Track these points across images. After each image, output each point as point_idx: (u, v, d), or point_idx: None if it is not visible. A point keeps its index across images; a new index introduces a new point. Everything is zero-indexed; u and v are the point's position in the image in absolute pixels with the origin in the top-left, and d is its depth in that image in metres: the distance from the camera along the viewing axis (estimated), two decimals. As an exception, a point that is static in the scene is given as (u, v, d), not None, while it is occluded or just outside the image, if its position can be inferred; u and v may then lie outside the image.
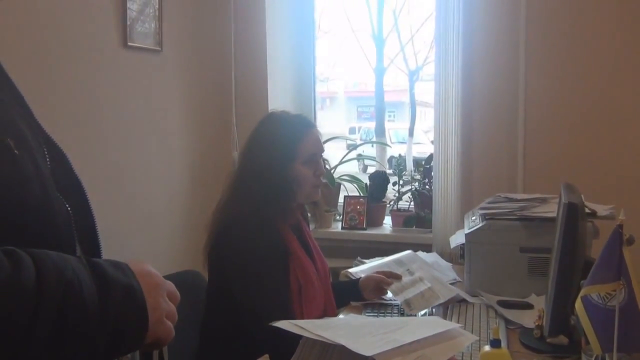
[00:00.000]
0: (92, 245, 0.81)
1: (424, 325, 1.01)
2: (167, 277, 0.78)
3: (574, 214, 1.30)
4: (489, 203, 1.97)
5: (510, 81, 2.57)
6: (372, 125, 4.97)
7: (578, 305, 1.12)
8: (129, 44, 2.36)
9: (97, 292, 0.64)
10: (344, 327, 1.05)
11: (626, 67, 2.45)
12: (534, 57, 2.54)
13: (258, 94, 2.88)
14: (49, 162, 0.76)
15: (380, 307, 1.80)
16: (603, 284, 1.07)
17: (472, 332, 1.50)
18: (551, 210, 1.78)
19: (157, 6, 2.51)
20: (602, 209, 1.78)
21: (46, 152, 0.77)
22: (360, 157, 3.94)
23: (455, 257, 2.33)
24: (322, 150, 1.74)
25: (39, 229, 0.69)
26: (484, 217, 1.87)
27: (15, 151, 0.69)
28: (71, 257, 0.67)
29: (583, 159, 2.48)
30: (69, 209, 0.75)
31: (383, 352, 0.89)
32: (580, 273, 1.36)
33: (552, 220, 1.65)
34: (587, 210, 1.67)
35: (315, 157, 1.68)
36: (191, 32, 2.76)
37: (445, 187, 2.62)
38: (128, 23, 2.35)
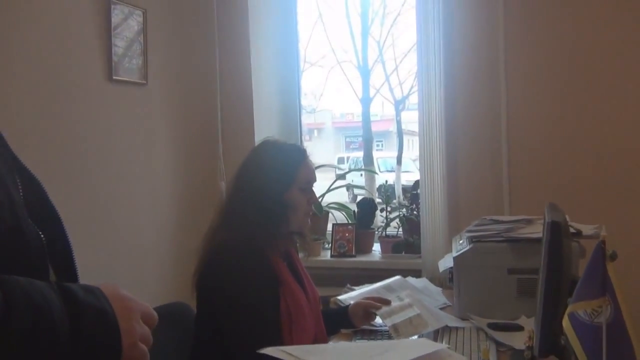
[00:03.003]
0: (69, 274, 0.80)
1: (412, 347, 1.00)
2: (154, 310, 0.77)
3: (558, 232, 1.31)
4: (476, 226, 1.98)
5: (493, 106, 2.61)
6: (360, 154, 5.01)
7: (565, 323, 1.12)
8: (115, 77, 2.38)
9: (68, 317, 0.63)
10: (331, 352, 1.04)
11: (607, 87, 2.50)
12: (515, 82, 2.59)
13: (244, 126, 2.90)
14: (21, 190, 0.76)
15: (370, 334, 1.78)
16: (589, 301, 1.07)
17: (462, 354, 1.50)
18: (537, 231, 1.80)
19: (142, 40, 2.54)
20: (587, 229, 1.80)
21: (18, 181, 0.77)
22: (349, 186, 3.96)
23: (445, 281, 2.32)
24: (315, 180, 1.74)
25: (9, 255, 0.69)
26: (470, 239, 1.88)
27: None
28: (41, 282, 0.66)
29: (567, 181, 2.51)
30: (42, 236, 0.75)
31: (371, 375, 0.89)
32: (568, 292, 1.36)
33: (538, 240, 1.66)
34: (572, 230, 1.68)
35: (310, 185, 1.69)
36: (176, 65, 2.79)
37: (433, 212, 2.63)
38: (114, 57, 2.37)
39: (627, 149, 2.48)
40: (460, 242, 1.97)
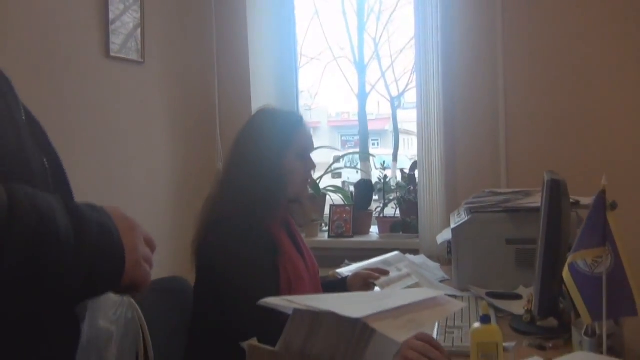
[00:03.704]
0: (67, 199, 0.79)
1: (412, 294, 1.00)
2: (152, 283, 0.77)
3: (557, 190, 1.31)
4: (474, 198, 1.98)
5: (490, 82, 2.62)
6: (356, 150, 5.00)
7: (566, 274, 1.11)
8: (111, 54, 2.37)
9: (72, 226, 0.62)
10: (332, 298, 1.03)
11: (602, 63, 2.51)
12: (512, 58, 2.60)
13: (242, 108, 2.89)
14: (24, 116, 0.75)
15: (369, 304, 1.77)
16: (589, 249, 1.07)
17: (462, 322, 1.50)
18: (536, 201, 1.79)
19: (139, 18, 2.53)
20: (585, 200, 1.80)
21: (22, 106, 0.76)
22: (345, 183, 3.93)
23: (443, 258, 2.32)
24: (313, 147, 1.73)
25: (13, 176, 0.67)
26: (469, 211, 1.88)
27: None
28: (46, 193, 0.65)
29: (565, 155, 2.51)
30: (45, 161, 0.74)
31: (372, 315, 0.88)
32: (567, 253, 1.36)
33: (537, 210, 1.66)
34: (570, 199, 1.68)
35: (308, 152, 1.68)
36: (174, 46, 2.78)
37: (430, 191, 2.63)
38: (110, 34, 2.36)
39: (624, 122, 2.48)
40: (459, 215, 1.97)
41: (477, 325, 1.17)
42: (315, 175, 2.96)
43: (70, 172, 0.90)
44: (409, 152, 4.96)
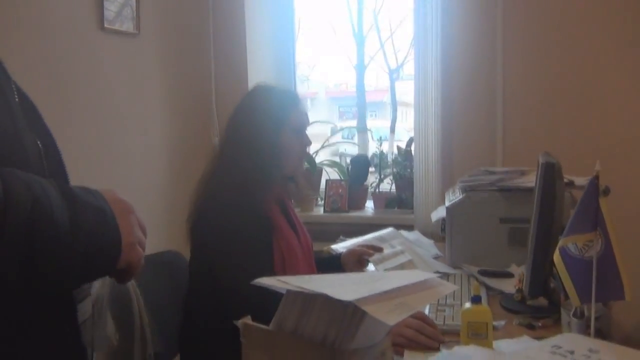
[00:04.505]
0: (62, 181, 0.79)
1: (404, 276, 1.01)
2: (147, 258, 0.77)
3: (551, 172, 1.31)
4: (469, 176, 1.98)
5: (488, 59, 2.60)
6: (353, 123, 4.99)
7: (556, 257, 1.13)
8: (106, 26, 2.33)
9: (67, 210, 0.63)
10: (325, 280, 1.05)
11: (600, 43, 2.49)
12: (511, 36, 2.57)
13: (238, 81, 2.87)
14: (16, 96, 0.74)
15: (363, 281, 1.80)
16: (580, 234, 1.08)
17: (454, 299, 1.52)
18: (530, 180, 1.80)
19: (134, -9, 2.48)
20: (580, 180, 1.81)
21: (14, 88, 0.75)
22: (342, 155, 3.92)
23: (437, 235, 2.34)
24: (309, 123, 1.73)
25: (9, 161, 0.67)
26: (463, 189, 1.88)
27: None
28: (40, 177, 0.65)
29: (560, 137, 2.51)
30: (39, 145, 0.74)
31: (363, 298, 0.89)
32: (558, 235, 1.38)
33: (531, 190, 1.67)
34: (564, 180, 1.69)
35: (304, 127, 1.68)
36: (169, 17, 2.73)
37: (426, 168, 2.63)
38: (105, 5, 2.32)
39: (620, 101, 2.48)
40: (453, 193, 1.98)
41: (468, 305, 1.19)
42: (312, 149, 2.96)
43: (65, 148, 0.90)
44: (406, 124, 4.95)
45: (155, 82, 2.67)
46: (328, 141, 3.23)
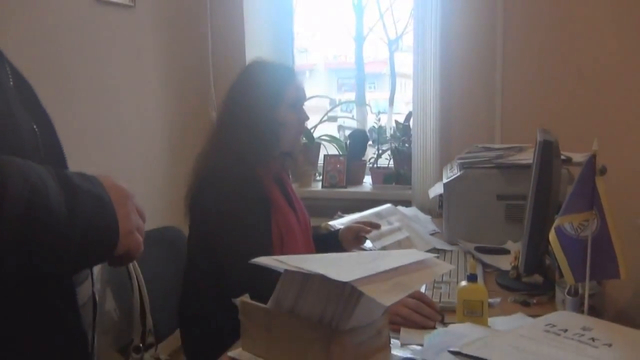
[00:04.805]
0: (59, 166, 0.79)
1: (400, 256, 1.02)
2: (146, 233, 0.77)
3: (549, 151, 1.31)
4: (467, 153, 1.98)
5: (488, 36, 2.57)
6: (352, 95, 4.95)
7: (552, 236, 1.13)
8: (100, -2, 2.30)
9: (64, 198, 0.62)
10: (322, 260, 1.05)
11: (601, 19, 2.46)
12: (511, 16, 2.54)
13: (236, 56, 2.84)
14: (11, 80, 0.73)
15: (360, 257, 1.81)
16: (576, 214, 1.09)
17: (450, 277, 1.53)
18: (528, 157, 1.80)
19: (128, -39, 2.44)
20: (577, 156, 1.81)
21: (9, 71, 0.74)
22: (340, 127, 3.91)
23: (435, 211, 2.35)
24: (306, 99, 1.72)
25: (3, 141, 0.67)
26: (461, 166, 1.88)
27: None
28: (36, 164, 0.64)
29: (559, 112, 2.51)
30: (35, 128, 0.73)
31: (360, 279, 0.90)
32: (555, 213, 1.38)
33: (528, 167, 1.67)
34: (562, 157, 1.69)
35: (300, 102, 1.67)
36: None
37: (424, 143, 2.63)
38: (99, -23, 2.28)
39: (619, 78, 2.46)
40: (451, 169, 1.98)
41: (464, 283, 1.21)
42: (310, 123, 2.95)
43: (59, 124, 0.89)
44: (405, 96, 4.92)
45: (151, 55, 2.65)
46: (327, 115, 3.21)
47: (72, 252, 0.63)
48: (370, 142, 2.95)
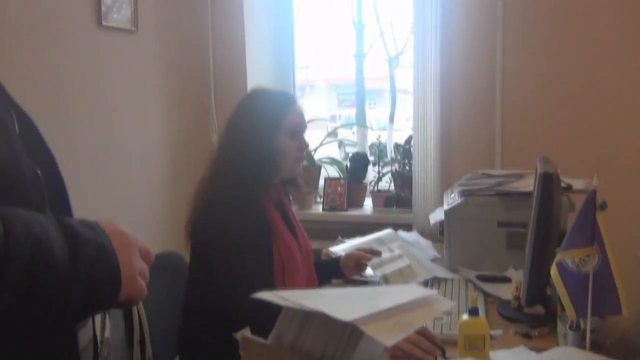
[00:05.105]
0: (62, 211, 0.79)
1: (402, 292, 1.01)
2: None
3: (549, 183, 1.31)
4: (468, 180, 1.99)
5: (488, 62, 2.59)
6: (352, 111, 4.97)
7: (553, 272, 1.14)
8: (104, 23, 2.32)
9: (67, 249, 0.63)
10: (324, 296, 1.05)
11: (600, 44, 2.48)
12: (511, 37, 2.56)
13: (237, 78, 2.86)
14: (17, 127, 0.74)
15: (361, 284, 1.81)
16: (577, 249, 1.09)
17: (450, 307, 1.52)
18: (528, 184, 1.81)
19: (132, -14, 2.46)
20: (578, 183, 1.81)
21: (15, 117, 0.75)
22: (341, 143, 3.94)
23: (436, 235, 2.35)
24: (306, 126, 1.73)
25: (6, 189, 0.67)
26: (462, 193, 1.89)
27: None
28: (39, 214, 0.65)
29: (560, 136, 2.51)
30: (39, 173, 0.73)
31: (362, 318, 0.90)
32: (556, 244, 1.38)
33: (529, 194, 1.67)
34: (563, 185, 1.70)
35: (300, 130, 1.68)
36: (167, 14, 2.72)
37: (425, 167, 2.63)
38: (103, 3, 2.30)
39: (619, 104, 2.48)
40: (452, 195, 1.98)
41: (465, 317, 1.20)
42: (311, 144, 2.95)
43: (62, 148, 0.90)
44: (405, 112, 4.94)
45: (153, 79, 2.66)
46: (327, 136, 3.23)
47: (75, 303, 0.63)
48: (371, 159, 2.96)
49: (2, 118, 0.71)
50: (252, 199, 1.60)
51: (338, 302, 0.99)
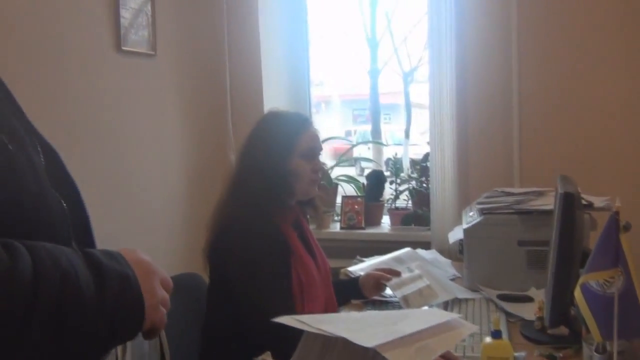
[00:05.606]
0: (86, 241, 0.81)
1: (425, 316, 1.01)
2: None
3: (571, 203, 1.30)
4: (486, 198, 1.97)
5: (504, 77, 2.58)
6: (368, 127, 4.98)
7: (577, 293, 1.12)
8: (123, 48, 2.36)
9: (93, 281, 0.64)
10: (345, 321, 1.05)
11: (618, 60, 2.46)
12: (527, 52, 2.55)
13: (253, 98, 2.89)
14: (42, 158, 0.76)
15: (381, 305, 1.80)
16: (601, 271, 1.07)
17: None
18: (548, 203, 1.79)
19: (150, 12, 2.51)
20: (598, 201, 1.79)
21: (39, 148, 0.77)
22: (357, 159, 3.95)
23: (454, 253, 2.33)
24: (321, 148, 1.74)
25: (34, 223, 0.69)
26: (481, 211, 1.88)
27: (9, 146, 0.68)
28: (65, 247, 0.66)
29: (578, 152, 2.49)
30: (64, 204, 0.75)
31: (384, 344, 0.89)
32: (579, 264, 1.37)
33: (549, 212, 1.66)
34: (583, 202, 1.68)
35: (313, 152, 1.69)
36: (185, 37, 2.76)
37: (442, 184, 2.62)
38: (122, 28, 2.35)
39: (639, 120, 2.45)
40: (471, 214, 1.97)
41: (488, 340, 1.19)
42: (328, 164, 2.96)
43: (83, 171, 0.91)
44: (420, 126, 4.93)
45: (171, 101, 2.70)
46: (344, 155, 3.23)
47: (101, 333, 0.64)
48: (387, 174, 2.96)
49: (30, 155, 0.73)
50: (269, 221, 1.61)
51: (359, 327, 0.99)
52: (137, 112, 2.48)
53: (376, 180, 2.93)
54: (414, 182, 2.83)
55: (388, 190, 2.95)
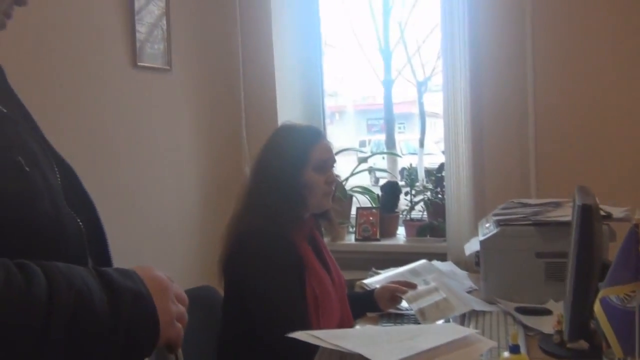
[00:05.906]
0: (103, 259, 0.81)
1: (441, 332, 1.00)
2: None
3: (589, 215, 1.28)
4: (503, 209, 1.95)
5: (519, 85, 2.56)
6: (382, 137, 4.98)
7: (597, 308, 1.10)
8: (139, 63, 2.39)
9: (107, 300, 0.65)
10: (360, 336, 1.04)
11: (636, 70, 2.43)
12: (543, 61, 2.54)
13: (267, 110, 2.91)
14: (59, 178, 0.77)
15: (397, 318, 1.78)
16: (621, 285, 1.06)
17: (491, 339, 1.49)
18: (566, 214, 1.77)
19: (165, 27, 2.54)
20: (617, 211, 1.76)
21: (56, 168, 0.77)
22: (371, 169, 3.95)
23: (471, 265, 2.31)
24: (334, 160, 1.74)
25: (50, 244, 0.70)
26: (498, 223, 1.86)
27: (26, 168, 0.69)
28: (79, 267, 0.67)
29: (596, 162, 2.46)
30: (80, 223, 0.76)
31: (401, 360, 0.89)
32: (598, 276, 1.34)
33: (567, 224, 1.63)
34: (602, 213, 1.65)
35: (327, 165, 1.69)
36: (200, 51, 2.79)
37: (458, 195, 2.60)
38: (137, 43, 2.38)
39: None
40: (487, 225, 1.95)
41: (506, 354, 1.17)
42: (342, 175, 2.96)
43: (98, 185, 0.92)
44: (435, 135, 4.92)
45: (187, 116, 2.73)
46: (358, 164, 3.23)
47: (116, 352, 0.64)
48: (402, 184, 2.95)
49: (47, 176, 0.74)
50: (283, 235, 1.61)
51: (375, 342, 0.98)
52: (153, 127, 2.50)
53: (391, 191, 2.92)
54: (429, 193, 2.82)
55: (403, 202, 2.94)
